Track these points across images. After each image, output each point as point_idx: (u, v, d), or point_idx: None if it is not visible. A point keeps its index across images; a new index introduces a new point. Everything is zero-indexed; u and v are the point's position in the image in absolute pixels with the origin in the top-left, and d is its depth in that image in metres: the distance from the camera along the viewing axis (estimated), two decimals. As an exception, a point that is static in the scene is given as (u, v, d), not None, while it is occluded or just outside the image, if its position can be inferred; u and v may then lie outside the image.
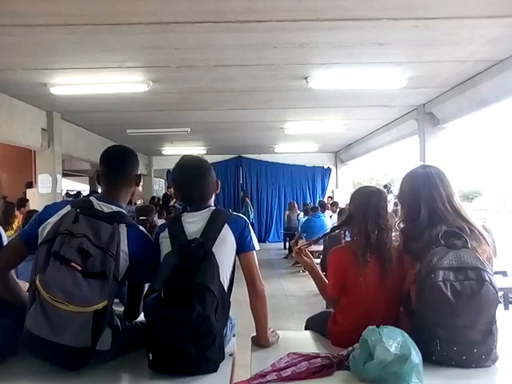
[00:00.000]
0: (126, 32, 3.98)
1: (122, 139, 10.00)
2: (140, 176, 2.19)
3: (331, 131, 9.59)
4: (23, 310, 1.77)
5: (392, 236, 2.14)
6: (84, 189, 14.53)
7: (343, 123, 8.90)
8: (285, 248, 12.35)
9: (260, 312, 2.03)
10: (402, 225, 2.14)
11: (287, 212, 12.57)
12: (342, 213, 6.69)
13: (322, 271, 2.52)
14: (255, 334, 2.10)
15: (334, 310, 2.25)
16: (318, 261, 6.93)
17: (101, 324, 1.72)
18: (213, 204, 2.13)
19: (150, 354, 1.76)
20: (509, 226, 15.69)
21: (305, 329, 2.48)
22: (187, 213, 2.06)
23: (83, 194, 11.43)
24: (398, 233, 2.13)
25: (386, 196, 2.25)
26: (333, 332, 2.19)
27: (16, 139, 6.65)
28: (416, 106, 7.53)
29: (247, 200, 14.04)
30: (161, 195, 14.30)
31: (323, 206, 10.19)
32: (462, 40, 4.36)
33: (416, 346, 1.66)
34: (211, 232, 1.93)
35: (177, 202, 10.05)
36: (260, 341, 2.09)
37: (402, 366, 1.59)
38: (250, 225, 2.10)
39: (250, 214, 13.52)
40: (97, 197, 2.04)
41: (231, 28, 3.94)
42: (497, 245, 2.03)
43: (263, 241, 14.12)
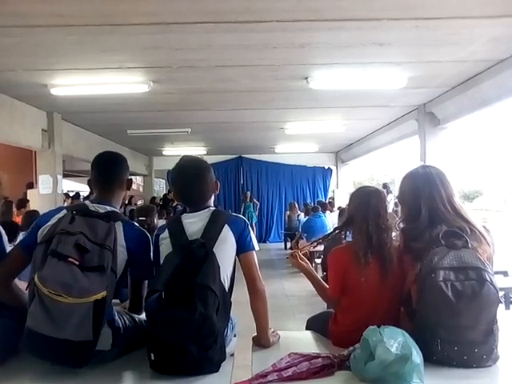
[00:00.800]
0: (127, 32, 3.99)
1: (123, 140, 10.03)
2: (131, 180, 2.25)
3: (332, 131, 9.60)
4: (24, 312, 1.77)
5: (392, 236, 2.14)
6: (84, 189, 14.52)
7: (344, 123, 8.91)
8: (285, 248, 12.36)
9: (260, 312, 2.03)
10: (403, 225, 2.14)
11: (288, 212, 12.58)
12: (343, 213, 6.68)
13: (323, 271, 2.52)
14: (256, 334, 2.10)
15: (335, 310, 2.26)
16: (319, 261, 6.94)
17: (101, 315, 1.72)
18: (212, 204, 2.14)
19: (152, 355, 1.76)
20: (510, 226, 15.69)
21: (306, 329, 2.49)
22: (187, 213, 2.06)
23: (82, 195, 11.44)
24: (399, 233, 2.13)
25: (385, 196, 2.25)
26: (333, 332, 2.19)
27: (17, 140, 6.66)
28: (416, 106, 7.53)
29: (254, 200, 14.06)
30: (161, 195, 14.32)
31: (323, 206, 10.20)
32: (463, 40, 4.36)
33: (417, 346, 1.66)
34: (212, 232, 1.93)
35: (178, 204, 10.07)
36: (261, 341, 2.09)
37: (403, 366, 1.59)
38: (253, 225, 2.10)
39: (254, 215, 13.57)
40: (91, 200, 2.09)
41: (231, 28, 3.95)
42: (496, 245, 2.02)
43: (264, 241, 14.11)
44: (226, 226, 1.97)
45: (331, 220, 9.40)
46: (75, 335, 1.68)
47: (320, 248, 6.39)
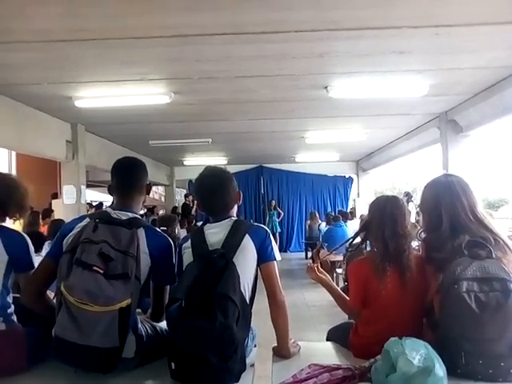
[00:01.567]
0: (148, 45, 4.06)
1: (145, 150, 10.15)
2: (150, 185, 2.27)
3: (352, 140, 9.54)
4: (53, 321, 1.81)
5: (411, 243, 2.11)
6: (107, 199, 14.72)
7: (364, 132, 8.85)
8: (306, 258, 12.28)
9: (281, 323, 2.03)
10: (424, 234, 2.12)
11: (308, 221, 12.51)
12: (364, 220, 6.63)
13: (345, 282, 2.50)
14: (276, 345, 2.09)
15: (356, 322, 2.23)
16: (340, 271, 6.89)
17: (126, 322, 1.76)
18: (235, 215, 2.15)
19: (173, 364, 1.77)
20: (537, 235, 15.27)
21: (326, 340, 2.47)
22: (209, 223, 2.08)
23: (105, 205, 11.60)
24: (420, 243, 2.10)
25: (404, 203, 2.22)
26: (354, 343, 2.16)
27: (42, 151, 6.82)
28: (438, 114, 7.44)
29: (278, 209, 14.04)
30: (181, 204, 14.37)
31: (344, 216, 10.12)
32: (483, 47, 4.30)
33: (440, 359, 1.63)
34: (232, 242, 1.95)
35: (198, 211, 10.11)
36: (281, 351, 2.08)
37: (426, 379, 1.56)
38: (276, 235, 2.11)
39: (277, 225, 13.58)
40: (112, 207, 2.10)
41: (250, 39, 3.98)
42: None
43: (284, 250, 14.05)
44: (247, 236, 1.98)
45: (352, 229, 9.32)
46: (102, 342, 1.71)
47: (340, 258, 6.38)
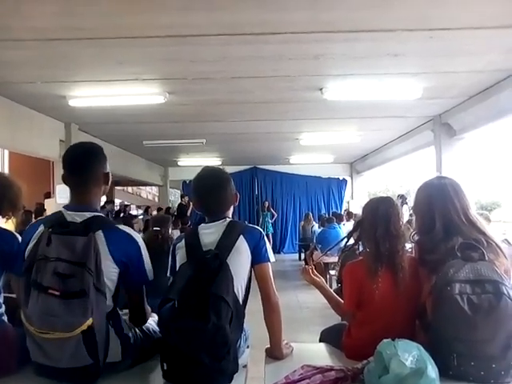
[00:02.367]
0: (143, 45, 4.05)
1: (139, 150, 10.14)
2: (108, 174, 1.97)
3: (347, 142, 9.57)
4: None
5: (405, 243, 2.11)
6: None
7: (359, 134, 8.88)
8: (300, 259, 12.29)
9: (274, 324, 2.03)
10: (417, 236, 2.12)
11: (302, 223, 12.51)
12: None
13: (338, 283, 2.50)
14: (269, 346, 2.09)
15: (349, 324, 2.23)
16: (333, 272, 6.89)
17: (93, 342, 1.67)
18: (231, 216, 2.14)
19: (165, 364, 1.76)
20: (529, 238, 15.37)
21: (319, 341, 2.46)
22: (204, 224, 2.07)
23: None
24: (413, 245, 2.11)
25: (397, 203, 2.22)
26: (347, 345, 2.16)
27: (35, 150, 6.79)
28: (432, 117, 7.48)
29: (272, 210, 14.05)
30: (176, 205, 14.32)
31: (338, 217, 10.13)
32: (478, 50, 4.34)
33: (432, 360, 1.63)
34: (226, 243, 1.94)
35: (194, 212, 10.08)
36: (274, 352, 2.08)
37: (418, 381, 1.56)
38: (270, 236, 2.10)
39: (270, 226, 13.57)
40: (67, 206, 1.89)
41: (246, 40, 3.99)
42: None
43: (278, 252, 14.05)
44: (241, 237, 1.98)
45: (346, 231, 9.33)
46: (73, 363, 1.69)
47: (334, 259, 6.39)
